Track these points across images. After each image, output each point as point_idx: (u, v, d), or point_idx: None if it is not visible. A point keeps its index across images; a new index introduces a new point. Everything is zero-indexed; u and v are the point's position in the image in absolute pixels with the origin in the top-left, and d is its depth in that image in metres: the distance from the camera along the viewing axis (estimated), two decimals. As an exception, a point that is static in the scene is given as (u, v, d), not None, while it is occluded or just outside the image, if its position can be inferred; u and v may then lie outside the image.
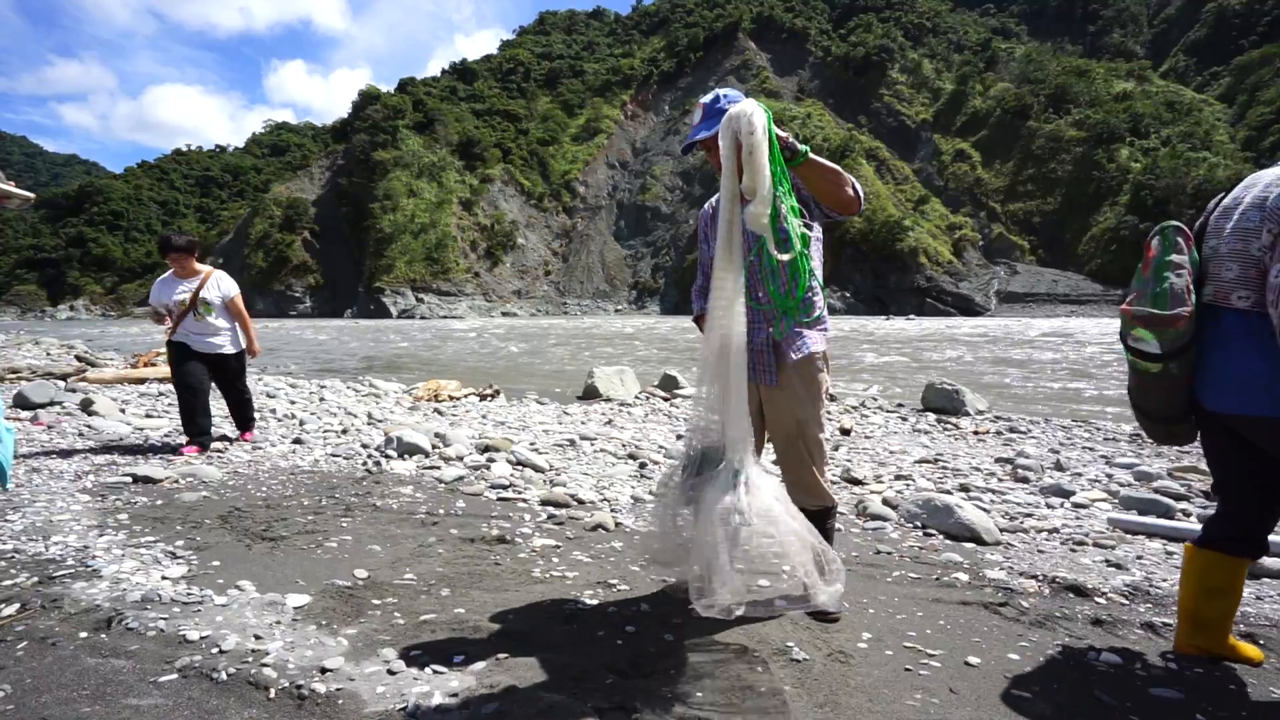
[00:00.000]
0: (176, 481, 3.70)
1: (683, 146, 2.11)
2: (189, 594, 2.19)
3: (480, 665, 1.81)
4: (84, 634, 1.91)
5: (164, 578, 2.33)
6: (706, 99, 2.07)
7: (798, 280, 1.94)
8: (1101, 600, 2.40)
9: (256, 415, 5.48)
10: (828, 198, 1.93)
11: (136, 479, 3.67)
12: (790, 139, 1.80)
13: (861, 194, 1.95)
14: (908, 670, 1.86)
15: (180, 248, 4.65)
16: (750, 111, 1.72)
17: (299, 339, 31.32)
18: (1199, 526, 3.20)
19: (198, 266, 4.74)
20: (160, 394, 7.54)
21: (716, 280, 1.87)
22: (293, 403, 7.11)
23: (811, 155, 1.83)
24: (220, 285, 4.80)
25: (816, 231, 2.15)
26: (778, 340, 2.07)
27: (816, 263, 2.13)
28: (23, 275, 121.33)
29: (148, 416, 5.92)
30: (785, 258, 1.85)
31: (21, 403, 6.01)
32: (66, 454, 4.30)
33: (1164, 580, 2.60)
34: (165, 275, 4.73)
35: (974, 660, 1.92)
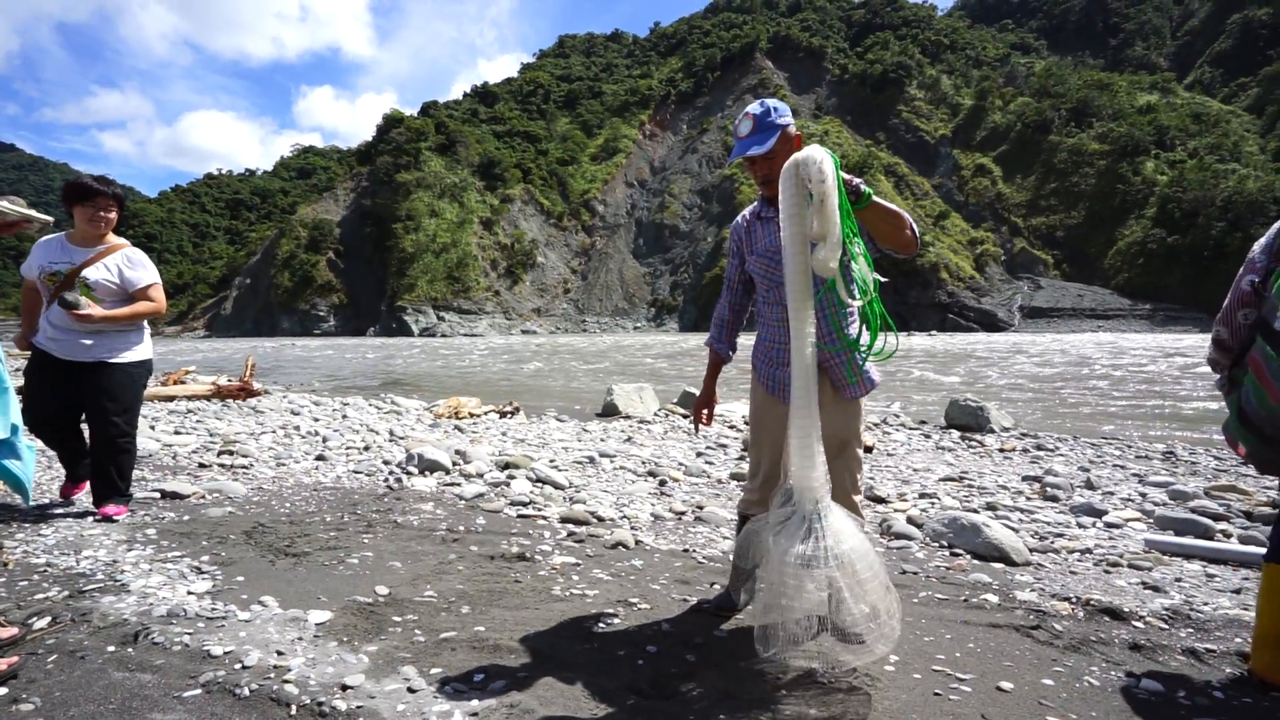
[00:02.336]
0: (203, 497, 3.76)
1: (731, 158, 2.08)
2: (213, 609, 2.21)
3: (500, 684, 1.80)
4: (112, 648, 1.93)
5: (189, 593, 2.36)
6: (756, 110, 2.03)
7: (868, 324, 1.87)
8: (1139, 624, 2.31)
9: (275, 439, 5.24)
10: (888, 239, 1.90)
11: (164, 494, 3.73)
12: (856, 182, 1.77)
13: (919, 235, 1.92)
14: (937, 695, 1.80)
15: (108, 195, 3.12)
16: (820, 159, 1.68)
17: (323, 357, 31.86)
18: (1242, 548, 3.08)
19: (111, 237, 3.24)
20: (189, 411, 7.70)
21: (795, 326, 1.81)
22: (316, 420, 7.21)
23: (875, 198, 1.80)
24: (125, 267, 3.20)
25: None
26: (826, 367, 2.04)
27: None
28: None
29: (176, 433, 6.04)
30: (856, 303, 1.81)
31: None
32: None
33: (1205, 604, 2.50)
34: (56, 235, 3.19)
35: (1006, 685, 1.85)
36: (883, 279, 1.87)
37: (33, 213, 1.96)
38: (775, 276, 2.04)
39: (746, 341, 2.36)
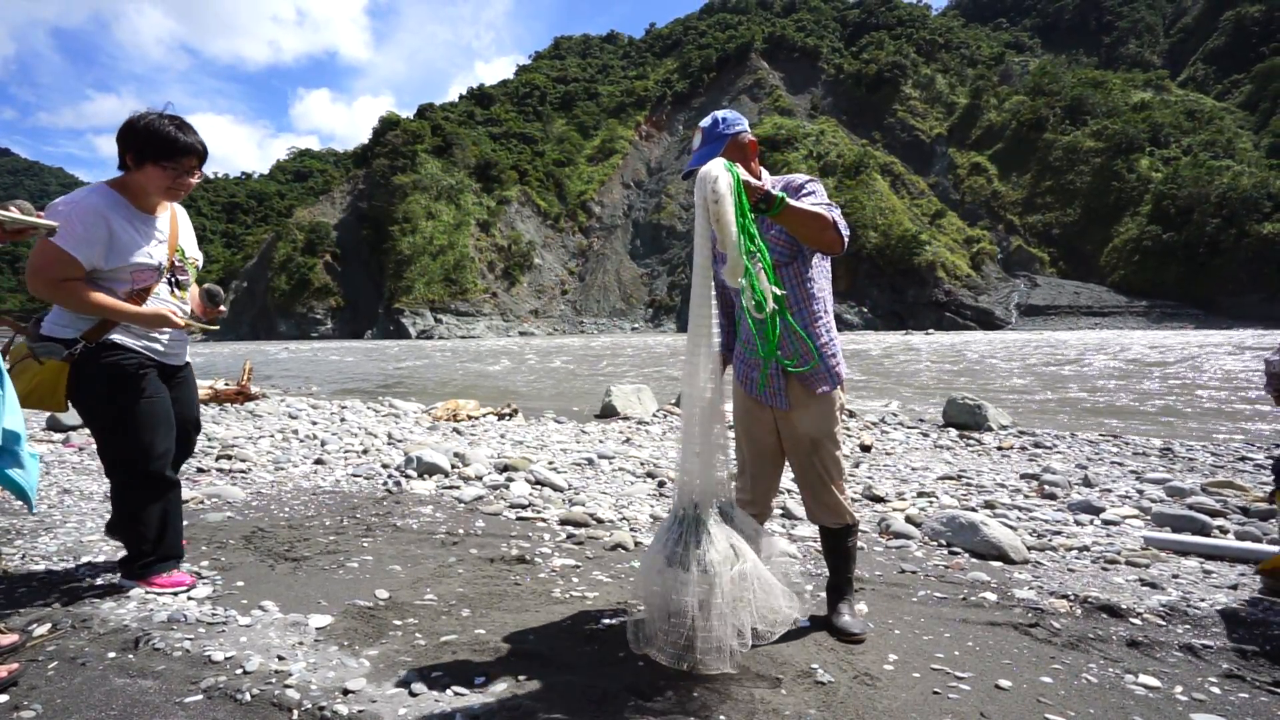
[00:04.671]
0: (202, 502, 3.75)
1: (684, 172, 2.12)
2: (214, 614, 2.21)
3: (501, 687, 1.80)
4: (112, 654, 1.93)
5: (189, 598, 2.36)
6: (706, 123, 2.09)
7: (770, 337, 1.91)
8: (1137, 621, 2.33)
9: (289, 435, 5.30)
10: (811, 241, 1.95)
11: (163, 500, 3.73)
12: (767, 189, 1.78)
13: (846, 235, 1.95)
14: (936, 693, 1.81)
15: (199, 153, 2.26)
16: (716, 175, 1.71)
17: (321, 360, 31.81)
18: (1240, 544, 3.10)
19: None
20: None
21: (690, 342, 1.88)
22: (314, 423, 7.20)
23: (790, 202, 1.82)
24: (191, 234, 2.55)
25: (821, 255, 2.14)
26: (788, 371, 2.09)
27: (822, 284, 2.12)
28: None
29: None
30: (759, 316, 1.84)
31: (55, 425, 6.16)
32: (97, 476, 4.39)
33: (1202, 600, 2.51)
34: (101, 189, 2.25)
35: (1005, 683, 1.87)
36: (780, 291, 1.91)
37: (39, 219, 1.93)
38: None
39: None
